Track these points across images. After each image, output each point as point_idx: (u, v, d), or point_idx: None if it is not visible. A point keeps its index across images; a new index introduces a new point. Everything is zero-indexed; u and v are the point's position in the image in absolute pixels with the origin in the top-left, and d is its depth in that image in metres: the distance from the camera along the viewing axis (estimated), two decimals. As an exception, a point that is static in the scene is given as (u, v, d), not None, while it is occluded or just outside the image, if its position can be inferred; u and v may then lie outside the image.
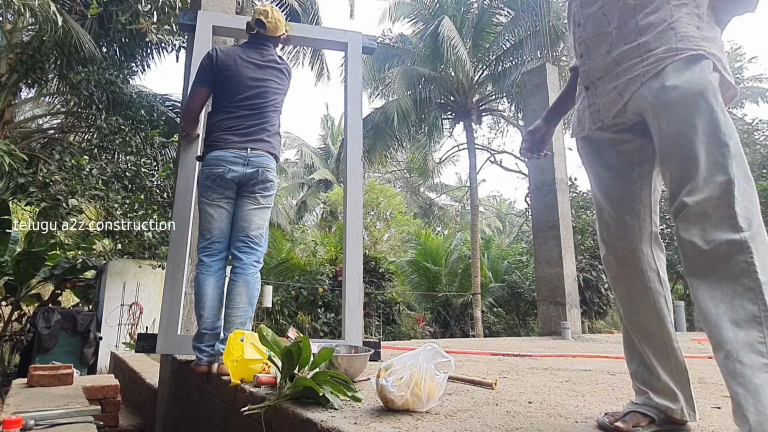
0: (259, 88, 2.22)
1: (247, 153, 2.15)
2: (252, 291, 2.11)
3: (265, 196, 2.23)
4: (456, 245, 15.16)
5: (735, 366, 0.90)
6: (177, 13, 6.76)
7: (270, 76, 2.26)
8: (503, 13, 12.66)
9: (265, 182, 2.20)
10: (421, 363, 1.25)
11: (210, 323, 2.07)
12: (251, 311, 2.11)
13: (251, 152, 2.16)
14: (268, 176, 2.20)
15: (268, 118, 2.25)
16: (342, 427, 1.11)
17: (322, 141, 24.59)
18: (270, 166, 2.21)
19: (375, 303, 12.19)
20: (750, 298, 0.92)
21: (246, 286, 2.08)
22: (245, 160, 2.14)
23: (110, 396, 2.62)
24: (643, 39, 1.15)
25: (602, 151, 1.28)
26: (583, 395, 1.63)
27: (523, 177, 16.21)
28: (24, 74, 6.76)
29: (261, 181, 2.18)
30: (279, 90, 2.29)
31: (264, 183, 2.20)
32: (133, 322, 7.04)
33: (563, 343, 4.41)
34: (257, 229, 2.18)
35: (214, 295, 2.10)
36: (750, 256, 0.93)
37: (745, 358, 0.90)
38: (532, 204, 6.10)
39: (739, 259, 0.94)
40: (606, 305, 10.17)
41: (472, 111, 13.31)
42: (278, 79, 2.29)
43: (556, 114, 1.56)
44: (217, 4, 2.96)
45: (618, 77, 1.19)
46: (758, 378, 0.87)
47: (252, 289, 2.11)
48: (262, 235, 2.20)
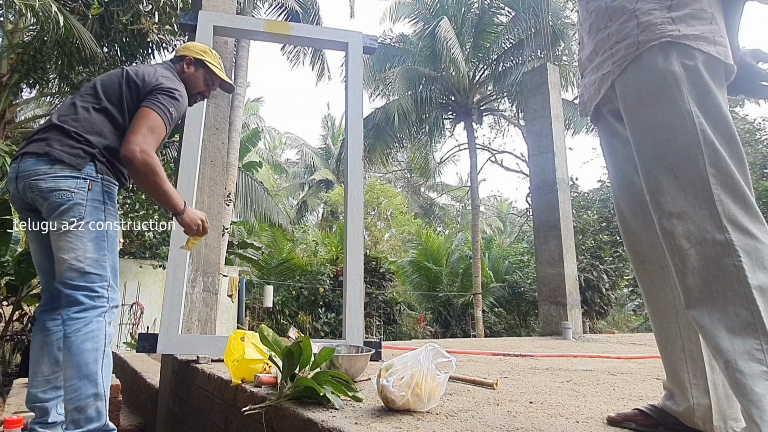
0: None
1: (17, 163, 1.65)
2: (84, 355, 1.51)
3: (60, 218, 1.59)
4: (457, 245, 15.19)
5: (736, 376, 0.87)
6: (178, 14, 6.77)
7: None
8: (504, 13, 12.66)
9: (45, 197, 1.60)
10: (422, 363, 1.25)
11: (34, 395, 1.67)
12: (90, 387, 1.52)
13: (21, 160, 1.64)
14: (41, 187, 1.59)
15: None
16: (343, 427, 1.10)
17: (322, 141, 24.62)
18: (39, 173, 1.60)
19: (376, 303, 12.20)
20: (742, 304, 0.87)
21: (75, 347, 1.52)
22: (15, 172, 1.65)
23: (111, 396, 2.60)
24: (612, 28, 1.09)
25: (612, 139, 1.22)
26: (584, 395, 1.63)
27: (524, 177, 16.21)
28: (25, 74, 6.78)
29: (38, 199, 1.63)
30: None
31: (45, 200, 1.61)
32: (134, 321, 7.05)
33: (564, 343, 4.40)
34: (70, 267, 1.59)
35: (41, 356, 1.69)
36: (738, 259, 0.88)
37: (744, 367, 0.86)
38: (533, 204, 6.09)
39: (726, 262, 0.89)
40: (607, 305, 10.17)
41: (473, 111, 13.31)
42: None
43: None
44: (217, 4, 2.97)
45: (597, 70, 1.16)
46: (759, 387, 0.84)
47: (82, 351, 1.51)
48: (88, 273, 1.59)
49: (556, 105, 5.89)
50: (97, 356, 1.54)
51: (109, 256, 1.66)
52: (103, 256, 1.63)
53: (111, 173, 1.72)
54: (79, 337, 1.53)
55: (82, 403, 1.50)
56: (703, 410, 1.06)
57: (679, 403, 1.10)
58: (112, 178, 1.73)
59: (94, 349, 1.54)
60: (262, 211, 11.92)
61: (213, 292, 2.70)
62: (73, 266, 1.58)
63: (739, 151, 0.96)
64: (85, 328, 1.54)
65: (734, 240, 0.89)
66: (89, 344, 1.53)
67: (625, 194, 1.20)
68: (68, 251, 1.59)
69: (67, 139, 1.65)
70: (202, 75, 2.05)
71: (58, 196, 1.59)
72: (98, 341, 1.56)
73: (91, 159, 1.66)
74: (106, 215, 1.67)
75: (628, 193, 1.19)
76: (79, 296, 1.57)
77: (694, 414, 1.07)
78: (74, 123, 1.68)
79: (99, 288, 1.60)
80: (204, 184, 2.74)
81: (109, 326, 1.62)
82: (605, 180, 12.18)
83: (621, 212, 1.21)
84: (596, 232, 10.55)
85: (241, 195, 11.11)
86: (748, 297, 0.87)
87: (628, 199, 1.19)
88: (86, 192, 1.63)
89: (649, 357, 3.01)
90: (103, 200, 1.68)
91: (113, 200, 1.73)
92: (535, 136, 5.98)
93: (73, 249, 1.59)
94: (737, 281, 0.88)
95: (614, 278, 10.25)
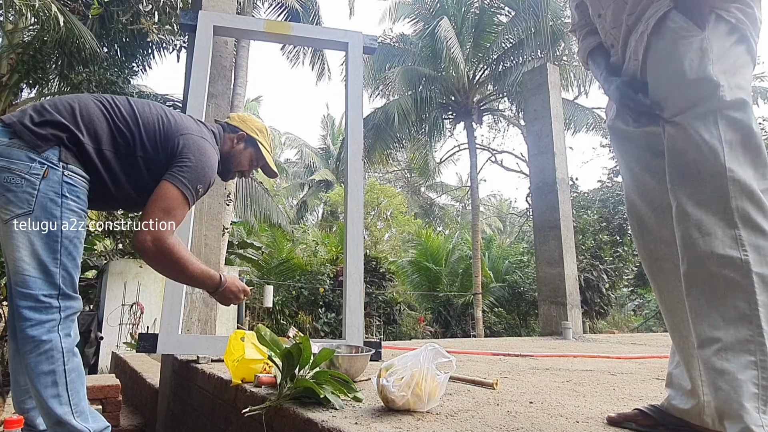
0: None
1: None
2: (40, 378, 1.35)
3: (2, 203, 1.37)
4: (457, 245, 15.17)
5: (721, 363, 0.89)
6: (178, 13, 6.77)
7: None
8: (503, 13, 12.67)
9: None
10: (422, 363, 1.25)
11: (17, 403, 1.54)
12: (50, 417, 1.37)
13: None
14: None
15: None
16: (343, 427, 1.10)
17: (322, 141, 24.63)
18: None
19: (376, 303, 12.21)
20: (742, 297, 0.90)
21: (31, 370, 1.35)
22: None
23: (111, 396, 2.62)
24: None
25: (629, 141, 1.22)
26: (584, 395, 1.63)
27: (524, 177, 16.22)
28: (25, 74, 6.78)
29: None
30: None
31: None
32: (134, 322, 7.05)
33: (564, 343, 4.40)
34: (15, 269, 1.38)
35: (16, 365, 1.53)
36: (744, 252, 0.90)
37: (730, 355, 0.89)
38: (533, 204, 6.10)
39: (733, 255, 0.91)
40: (607, 305, 10.18)
41: (473, 111, 13.32)
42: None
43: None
44: (217, 4, 2.96)
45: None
46: (742, 374, 0.87)
47: (38, 374, 1.35)
48: (33, 278, 1.37)
49: (556, 105, 5.89)
50: (55, 378, 1.36)
51: (63, 261, 1.41)
52: (53, 259, 1.39)
53: (80, 164, 1.46)
54: (32, 359, 1.35)
55: (57, 419, 1.37)
56: (713, 408, 1.06)
57: (687, 402, 1.11)
58: (78, 170, 1.45)
59: (51, 371, 1.36)
60: (262, 212, 11.92)
61: (213, 292, 2.70)
62: (17, 268, 1.36)
63: (759, 145, 0.97)
64: (36, 349, 1.35)
65: (743, 235, 0.91)
66: (44, 366, 1.35)
67: (640, 194, 1.21)
68: (12, 249, 1.36)
69: (42, 122, 1.41)
70: (250, 155, 1.85)
71: (6, 179, 1.35)
72: (54, 361, 1.36)
73: (57, 143, 1.41)
74: (62, 211, 1.40)
75: (641, 193, 1.20)
76: (24, 310, 1.35)
77: (703, 412, 1.07)
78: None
79: (45, 298, 1.37)
80: (204, 184, 2.73)
81: (68, 338, 1.41)
82: (605, 180, 12.19)
83: (637, 211, 1.22)
84: (596, 232, 10.55)
85: (240, 195, 11.12)
86: (749, 290, 0.89)
87: (642, 198, 1.20)
88: (39, 180, 1.37)
89: (649, 357, 3.01)
90: (61, 193, 1.40)
91: (77, 195, 1.45)
92: (535, 136, 5.98)
93: (17, 247, 1.36)
94: (741, 274, 0.90)
95: (614, 278, 10.25)
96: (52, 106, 1.46)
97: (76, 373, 1.42)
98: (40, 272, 1.37)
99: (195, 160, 1.54)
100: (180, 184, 1.50)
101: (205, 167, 1.56)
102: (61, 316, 1.40)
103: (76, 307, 1.46)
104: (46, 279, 1.38)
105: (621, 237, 10.41)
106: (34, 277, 1.37)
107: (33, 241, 1.37)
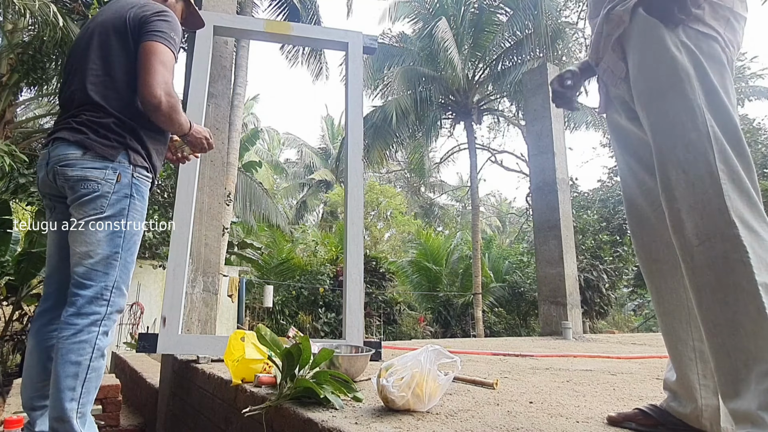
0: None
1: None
2: (65, 367, 1.40)
3: (80, 208, 1.52)
4: (457, 245, 15.18)
5: (747, 371, 0.85)
6: (178, 13, 6.74)
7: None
8: (502, 12, 12.65)
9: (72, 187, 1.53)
10: (423, 363, 1.25)
11: (25, 401, 1.58)
12: (59, 406, 1.39)
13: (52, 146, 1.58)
14: (68, 175, 1.52)
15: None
16: (343, 427, 1.10)
17: (322, 141, 24.63)
18: (69, 159, 1.53)
19: (376, 303, 12.21)
20: (751, 302, 0.86)
21: (59, 356, 1.42)
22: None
23: (111, 396, 2.61)
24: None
25: (627, 137, 1.21)
26: (584, 395, 1.63)
27: (524, 177, 16.22)
28: (25, 74, 6.77)
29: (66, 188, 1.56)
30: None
31: (72, 189, 1.53)
32: (134, 321, 7.05)
33: (564, 343, 4.40)
34: (79, 261, 1.51)
35: (32, 363, 1.58)
36: (746, 255, 0.87)
37: (754, 363, 0.84)
38: (533, 204, 6.09)
39: (735, 257, 0.88)
40: (607, 305, 10.17)
41: (472, 111, 13.31)
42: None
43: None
44: (217, 4, 2.96)
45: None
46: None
47: (65, 362, 1.40)
48: (94, 270, 1.50)
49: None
50: (78, 371, 1.41)
51: (123, 255, 1.54)
52: (114, 253, 1.52)
53: (146, 161, 1.62)
54: (66, 346, 1.42)
55: (60, 414, 1.40)
56: (711, 411, 1.05)
57: (686, 405, 1.10)
58: (145, 171, 1.63)
59: (77, 362, 1.41)
60: (261, 212, 11.92)
61: (213, 292, 2.70)
62: (83, 261, 1.49)
63: (744, 148, 0.95)
64: (73, 337, 1.42)
65: (742, 236, 0.88)
66: (73, 356, 1.41)
67: (639, 193, 1.19)
68: (81, 244, 1.51)
69: (101, 129, 1.55)
70: (181, 7, 1.93)
71: (85, 186, 1.51)
72: (83, 354, 1.42)
73: (124, 148, 1.57)
74: (129, 210, 1.56)
75: (641, 192, 1.18)
76: (78, 297, 1.47)
77: (701, 415, 1.06)
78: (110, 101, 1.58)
79: (102, 289, 1.49)
80: (204, 184, 2.74)
81: (105, 336, 1.48)
82: (605, 179, 12.19)
83: (637, 210, 1.20)
84: (596, 232, 10.55)
85: (240, 195, 11.11)
86: (755, 294, 0.86)
87: (642, 197, 1.18)
88: (113, 184, 1.54)
89: (649, 357, 3.01)
90: (130, 193, 1.57)
91: (142, 195, 1.61)
92: (535, 136, 5.97)
93: (86, 243, 1.50)
94: (745, 278, 0.87)
95: (614, 278, 10.24)
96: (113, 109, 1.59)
97: (96, 375, 1.47)
98: (102, 265, 1.50)
99: (161, 17, 1.64)
100: (162, 40, 1.59)
101: (169, 19, 1.66)
102: (107, 311, 1.50)
103: (121, 305, 1.56)
104: (106, 271, 1.51)
105: (621, 237, 10.41)
106: (96, 269, 1.50)
107: (100, 237, 1.51)
